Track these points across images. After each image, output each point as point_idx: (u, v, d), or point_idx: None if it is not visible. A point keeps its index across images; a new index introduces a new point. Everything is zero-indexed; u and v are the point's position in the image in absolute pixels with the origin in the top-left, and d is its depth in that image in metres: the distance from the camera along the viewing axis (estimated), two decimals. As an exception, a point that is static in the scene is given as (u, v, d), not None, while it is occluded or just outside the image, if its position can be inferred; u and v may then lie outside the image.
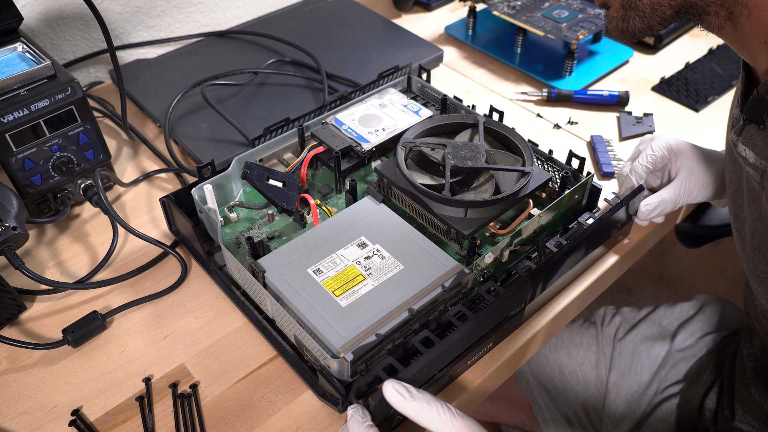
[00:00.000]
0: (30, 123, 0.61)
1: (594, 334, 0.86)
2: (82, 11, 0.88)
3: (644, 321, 0.85)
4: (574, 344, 0.85)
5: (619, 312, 0.88)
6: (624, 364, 0.82)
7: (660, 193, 0.65)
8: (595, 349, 0.84)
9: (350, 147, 0.67)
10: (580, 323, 0.88)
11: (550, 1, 0.93)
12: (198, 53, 0.92)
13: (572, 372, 0.84)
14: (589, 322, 0.88)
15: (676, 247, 1.66)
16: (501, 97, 0.87)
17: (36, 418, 0.53)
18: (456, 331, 0.49)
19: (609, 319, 0.87)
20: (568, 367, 0.84)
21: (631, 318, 0.87)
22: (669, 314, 0.86)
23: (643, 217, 0.65)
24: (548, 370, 0.85)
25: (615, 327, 0.86)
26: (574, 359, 0.84)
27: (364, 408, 0.46)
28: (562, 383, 0.84)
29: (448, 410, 0.43)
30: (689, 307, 0.86)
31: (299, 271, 0.55)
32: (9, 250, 0.57)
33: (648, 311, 0.87)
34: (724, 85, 0.87)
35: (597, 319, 0.88)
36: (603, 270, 0.65)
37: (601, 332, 0.86)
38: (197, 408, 0.53)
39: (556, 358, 0.85)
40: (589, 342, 0.85)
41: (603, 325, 0.87)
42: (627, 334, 0.84)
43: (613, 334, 0.85)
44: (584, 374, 0.84)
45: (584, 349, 0.85)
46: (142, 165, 0.78)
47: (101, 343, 0.58)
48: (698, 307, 0.86)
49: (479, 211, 0.59)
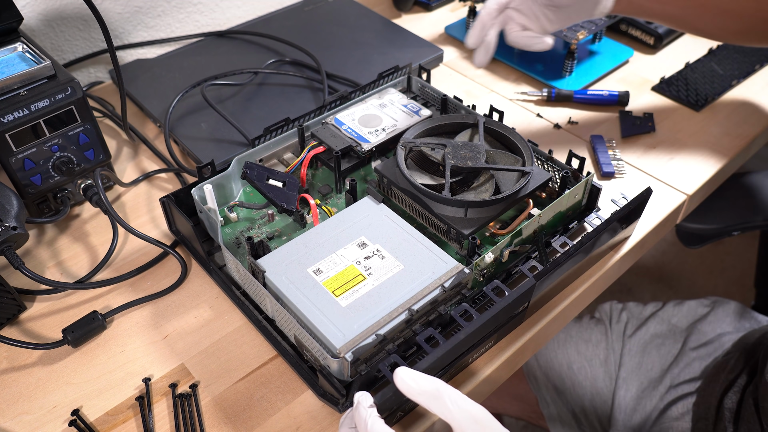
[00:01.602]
0: (30, 123, 0.61)
1: (603, 330, 0.86)
2: (82, 11, 0.88)
3: (653, 318, 0.85)
4: (583, 340, 0.85)
5: (625, 308, 0.88)
6: (634, 360, 0.82)
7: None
8: (605, 345, 0.84)
9: (350, 147, 0.67)
10: (588, 319, 0.88)
11: (550, 1, 0.93)
12: (198, 53, 0.92)
13: (581, 368, 0.84)
14: (597, 319, 0.88)
15: (676, 247, 1.66)
16: (501, 97, 0.87)
17: (36, 418, 0.53)
18: (461, 331, 0.48)
19: (617, 316, 0.87)
20: (577, 362, 0.84)
21: (638, 313, 0.87)
22: (678, 312, 0.86)
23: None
24: (556, 365, 0.85)
25: (624, 323, 0.86)
26: (583, 355, 0.84)
27: (370, 396, 0.45)
28: (570, 379, 0.84)
29: (459, 397, 0.43)
30: (697, 306, 0.86)
31: (299, 271, 0.55)
32: (9, 250, 0.57)
33: (656, 308, 0.87)
34: (724, 85, 0.87)
35: (603, 315, 0.88)
36: (603, 270, 0.65)
37: (610, 329, 0.86)
38: (197, 408, 0.53)
39: (564, 354, 0.85)
40: (598, 338, 0.85)
41: (612, 321, 0.87)
42: (637, 330, 0.84)
43: (622, 330, 0.85)
44: (593, 370, 0.83)
45: (593, 345, 0.85)
46: (142, 165, 0.78)
47: (101, 343, 0.58)
48: (710, 307, 0.86)
49: (479, 211, 0.59)
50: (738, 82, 0.88)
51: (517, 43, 0.70)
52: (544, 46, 0.69)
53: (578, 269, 0.61)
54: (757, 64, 0.91)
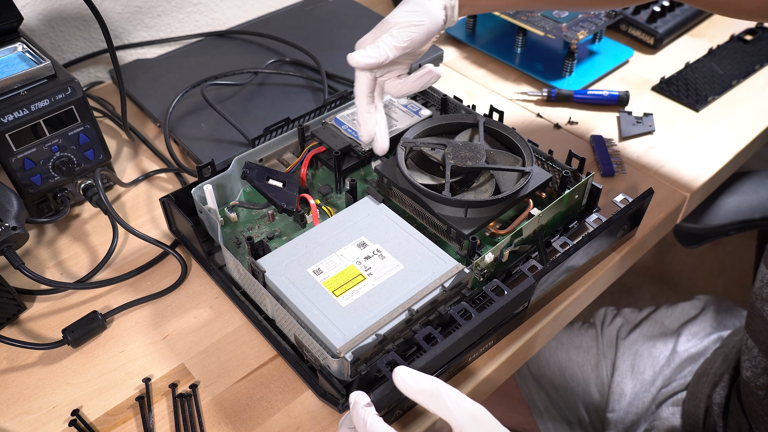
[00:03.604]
0: (30, 123, 0.61)
1: (593, 335, 0.86)
2: (82, 11, 0.88)
3: (646, 321, 0.86)
4: (573, 346, 0.86)
5: (620, 313, 0.88)
6: (626, 364, 0.82)
7: None
8: (596, 350, 0.84)
9: (350, 147, 0.67)
10: (579, 325, 0.89)
11: (550, 1, 0.93)
12: (198, 53, 0.92)
13: (572, 374, 0.84)
14: (588, 324, 0.88)
15: (676, 247, 1.66)
16: (501, 97, 0.87)
17: (36, 418, 0.53)
18: (460, 329, 0.48)
19: (609, 320, 0.87)
20: (569, 369, 0.84)
21: (633, 318, 0.87)
22: (670, 314, 0.86)
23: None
24: (548, 372, 0.85)
25: (616, 328, 0.86)
26: (574, 361, 0.85)
27: (366, 395, 0.45)
28: (563, 385, 0.84)
29: (458, 396, 0.43)
30: (690, 307, 0.87)
31: (299, 271, 0.55)
32: (9, 250, 0.57)
33: (649, 311, 0.87)
34: (724, 85, 0.87)
35: (597, 320, 0.88)
36: (603, 270, 0.65)
37: (601, 334, 0.86)
38: (197, 408, 0.53)
39: (556, 361, 0.85)
40: (589, 344, 0.85)
41: (603, 326, 0.87)
42: (629, 334, 0.84)
43: (614, 334, 0.85)
44: (585, 376, 0.84)
45: (584, 351, 0.85)
46: (142, 165, 0.78)
47: (101, 343, 0.58)
48: (700, 308, 0.86)
49: (479, 211, 0.59)
50: (738, 82, 0.88)
51: (412, 91, 0.65)
52: (436, 77, 0.65)
53: (579, 270, 0.61)
54: (757, 64, 0.91)
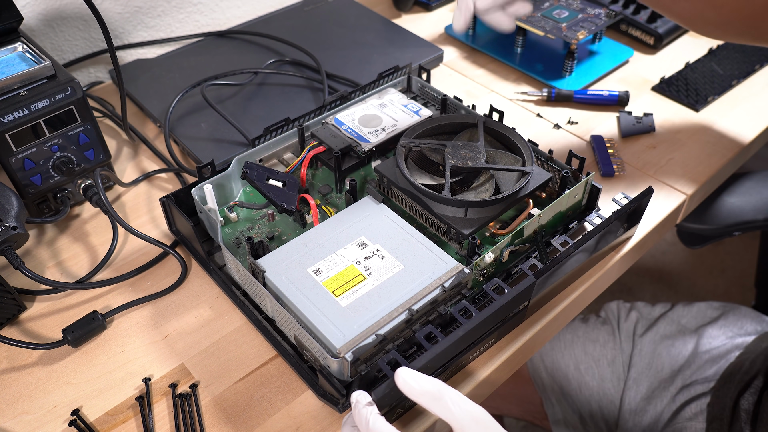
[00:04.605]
0: (30, 123, 0.61)
1: (610, 330, 0.85)
2: (82, 11, 0.88)
3: (662, 319, 0.85)
4: (590, 340, 0.85)
5: (634, 307, 0.87)
6: (644, 361, 0.81)
7: None
8: (612, 345, 0.84)
9: (350, 147, 0.67)
10: (595, 319, 0.88)
11: (550, 1, 0.93)
12: (198, 53, 0.92)
13: (588, 368, 0.83)
14: (603, 318, 0.88)
15: (676, 247, 1.66)
16: (501, 97, 0.87)
17: (36, 418, 0.53)
18: (460, 328, 0.48)
19: (625, 315, 0.87)
20: (584, 363, 0.84)
21: (647, 314, 0.86)
22: (687, 313, 0.85)
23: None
24: (563, 366, 0.85)
25: (633, 324, 0.85)
26: (591, 355, 0.84)
27: (367, 394, 0.45)
28: (577, 380, 0.84)
29: (460, 398, 0.43)
30: (707, 308, 0.86)
31: (299, 271, 0.55)
32: (9, 250, 0.57)
33: (665, 309, 0.87)
34: (724, 85, 0.87)
35: (610, 314, 0.88)
36: (603, 270, 0.65)
37: (618, 329, 0.85)
38: (197, 408, 0.53)
39: (571, 355, 0.85)
40: (606, 338, 0.85)
41: (620, 321, 0.86)
42: (647, 331, 0.84)
43: (632, 330, 0.85)
44: (600, 371, 0.83)
45: (600, 345, 0.84)
46: (142, 165, 0.78)
47: (101, 343, 0.58)
48: (720, 311, 0.85)
49: (479, 211, 0.59)
50: (738, 82, 0.88)
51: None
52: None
53: (579, 269, 0.61)
54: (757, 64, 0.91)
